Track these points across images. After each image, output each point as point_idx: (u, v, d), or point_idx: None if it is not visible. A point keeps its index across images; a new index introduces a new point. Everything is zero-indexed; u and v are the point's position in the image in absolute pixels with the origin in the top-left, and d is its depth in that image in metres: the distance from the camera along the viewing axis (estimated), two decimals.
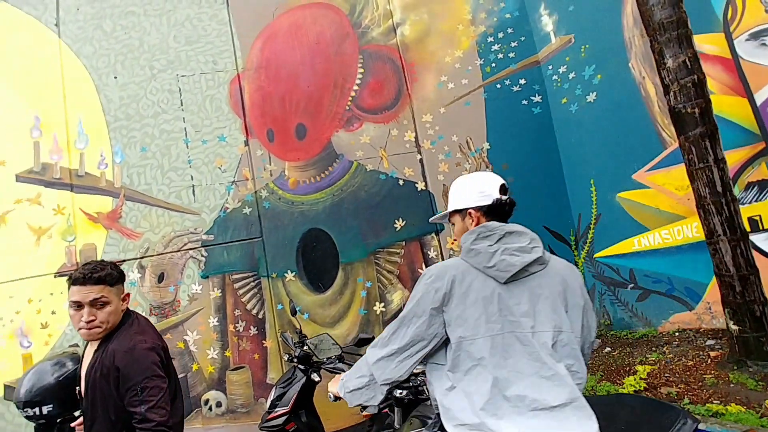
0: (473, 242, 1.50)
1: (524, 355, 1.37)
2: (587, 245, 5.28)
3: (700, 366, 3.60)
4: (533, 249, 1.49)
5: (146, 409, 1.65)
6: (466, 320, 1.41)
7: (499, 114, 5.43)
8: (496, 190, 1.64)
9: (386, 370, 1.50)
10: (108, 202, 4.56)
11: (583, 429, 1.33)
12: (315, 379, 3.12)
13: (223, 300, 4.54)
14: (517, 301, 1.43)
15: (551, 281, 1.49)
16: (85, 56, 4.80)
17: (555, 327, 1.43)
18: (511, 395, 1.34)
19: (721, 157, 3.45)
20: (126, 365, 1.70)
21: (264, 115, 4.98)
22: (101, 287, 1.77)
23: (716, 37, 4.08)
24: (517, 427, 1.31)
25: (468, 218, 1.62)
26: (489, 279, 1.44)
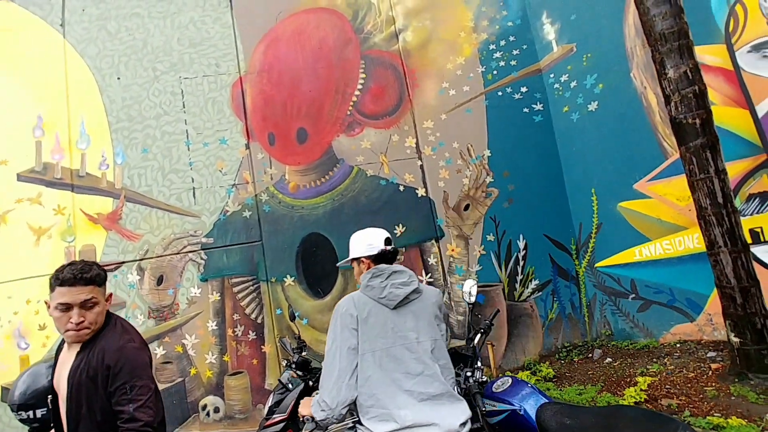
0: (369, 280, 2.02)
1: (413, 360, 1.90)
2: (588, 255, 5.26)
3: (701, 378, 3.57)
4: (411, 282, 2.02)
5: (134, 408, 1.63)
6: (369, 337, 1.91)
7: (501, 121, 5.44)
8: (381, 243, 2.15)
9: (340, 393, 1.85)
10: (108, 203, 4.55)
11: (455, 411, 1.87)
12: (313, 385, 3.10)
13: (222, 304, 4.52)
14: (404, 321, 1.97)
15: (426, 304, 2.05)
16: (89, 57, 4.81)
17: (432, 337, 1.99)
18: (406, 390, 1.85)
19: (722, 168, 3.44)
20: (116, 364, 1.68)
21: (265, 118, 4.99)
22: (92, 288, 1.73)
23: (718, 48, 4.09)
24: (412, 413, 1.81)
25: (362, 264, 2.16)
26: (382, 306, 1.97)
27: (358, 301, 1.99)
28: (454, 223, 5.11)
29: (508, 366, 4.86)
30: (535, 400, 2.28)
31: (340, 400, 1.84)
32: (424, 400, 1.84)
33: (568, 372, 4.47)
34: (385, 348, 1.90)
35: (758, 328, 3.25)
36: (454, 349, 2.63)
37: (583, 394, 3.80)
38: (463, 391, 2.36)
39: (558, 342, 5.09)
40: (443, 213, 5.11)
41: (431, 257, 4.99)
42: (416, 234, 4.99)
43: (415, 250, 4.97)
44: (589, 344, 5.05)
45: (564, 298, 5.23)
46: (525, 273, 5.16)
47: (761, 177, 3.89)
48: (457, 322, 4.87)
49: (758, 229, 3.90)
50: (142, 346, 1.82)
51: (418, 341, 1.94)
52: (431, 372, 1.89)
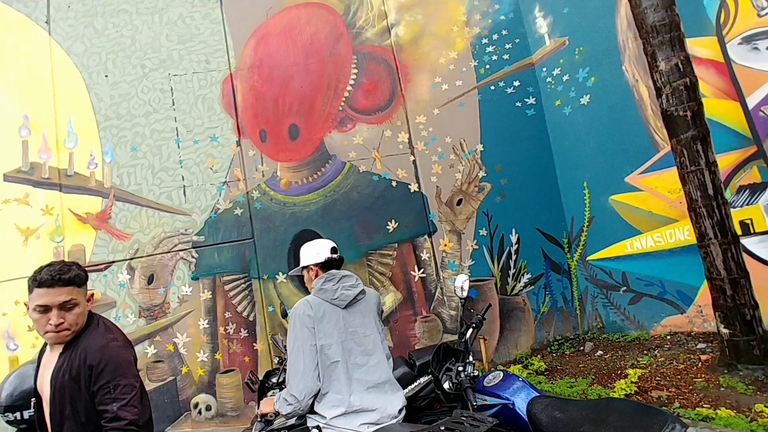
0: (322, 284, 2.29)
1: (362, 353, 2.20)
2: (580, 248, 5.28)
3: (691, 370, 3.60)
4: (358, 285, 2.33)
5: (118, 407, 1.62)
6: (325, 334, 2.17)
7: (493, 116, 5.43)
8: (328, 251, 2.42)
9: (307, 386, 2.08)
10: (97, 202, 4.51)
11: (394, 400, 2.18)
12: None
13: (214, 302, 4.49)
14: (353, 318, 2.25)
15: (369, 303, 2.36)
16: (75, 54, 4.75)
17: (376, 331, 2.29)
18: (355, 378, 2.14)
19: (713, 160, 3.45)
20: (99, 363, 1.66)
21: (256, 115, 4.95)
22: (71, 289, 1.70)
23: (709, 40, 4.09)
24: (360, 398, 2.09)
25: (311, 271, 2.43)
26: (335, 306, 2.24)
27: (313, 303, 2.24)
28: (446, 218, 5.10)
29: (501, 360, 4.88)
30: (526, 393, 2.29)
31: (307, 392, 2.07)
32: (369, 387, 2.14)
33: (559, 365, 4.49)
34: (339, 342, 2.17)
35: (747, 319, 3.27)
36: (446, 344, 2.64)
37: (575, 387, 3.82)
38: (454, 386, 2.37)
39: (550, 335, 5.11)
40: (436, 208, 5.10)
41: (424, 252, 4.98)
42: (409, 229, 4.98)
43: (407, 245, 4.96)
44: (581, 337, 5.08)
45: (556, 292, 5.25)
46: (517, 267, 5.17)
47: (751, 169, 3.90)
48: (450, 317, 4.87)
49: (748, 220, 3.92)
50: (126, 344, 1.80)
51: (365, 335, 2.25)
52: (375, 362, 2.21)
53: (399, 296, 4.83)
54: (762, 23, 3.79)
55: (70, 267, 1.74)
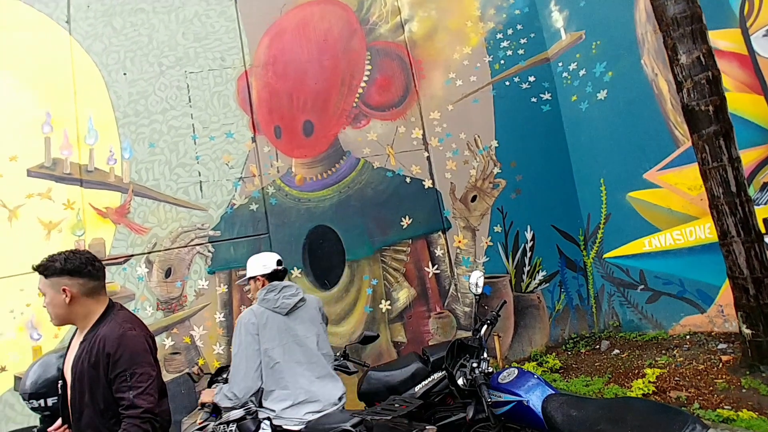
0: (265, 294, 2.56)
1: (302, 353, 2.51)
2: (596, 245, 5.20)
3: (712, 370, 3.52)
4: (298, 293, 2.61)
5: (134, 395, 1.64)
6: (268, 338, 2.45)
7: (508, 111, 5.37)
8: (274, 264, 2.68)
9: (248, 385, 2.37)
10: (117, 197, 4.59)
11: (334, 389, 2.50)
12: None
13: (230, 295, 4.55)
14: (294, 323, 2.55)
15: (310, 308, 2.67)
16: (95, 53, 4.83)
17: (316, 333, 2.61)
18: (298, 374, 2.44)
19: (736, 156, 3.36)
20: (116, 351, 1.69)
21: (271, 111, 4.98)
22: (40, 278, 1.80)
23: (732, 33, 3.98)
24: (304, 392, 2.41)
25: (257, 281, 2.67)
26: (277, 314, 2.52)
27: (257, 311, 2.52)
28: (461, 215, 5.08)
29: (515, 357, 4.85)
30: (541, 391, 2.28)
31: (247, 391, 2.36)
32: (312, 381, 2.46)
33: (575, 363, 4.44)
34: (281, 345, 2.47)
35: None
36: (460, 340, 2.63)
37: (590, 385, 3.77)
38: (468, 382, 2.36)
39: (565, 333, 5.06)
40: (450, 204, 5.08)
41: (438, 249, 4.97)
42: (423, 226, 4.97)
43: (421, 241, 4.95)
44: (597, 336, 5.01)
45: (571, 290, 5.19)
46: (532, 264, 5.12)
47: None
48: (464, 314, 4.85)
49: None
50: (143, 333, 1.82)
51: (306, 337, 2.55)
52: (316, 360, 2.53)
53: (413, 292, 4.83)
54: None
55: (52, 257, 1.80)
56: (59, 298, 1.77)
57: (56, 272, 1.77)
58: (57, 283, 1.77)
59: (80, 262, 1.80)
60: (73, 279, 1.78)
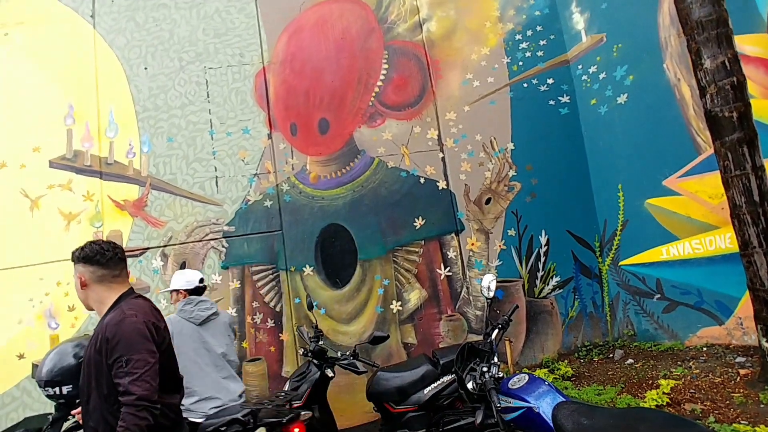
0: (183, 306, 3.00)
1: (212, 358, 2.93)
2: (612, 252, 5.12)
3: (728, 383, 3.44)
4: (213, 307, 3.07)
5: (129, 381, 1.64)
6: (182, 343, 2.81)
7: (525, 114, 5.32)
8: (196, 281, 3.13)
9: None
10: (135, 190, 4.67)
11: (235, 387, 2.94)
12: (329, 374, 3.13)
13: (242, 291, 4.59)
14: (206, 333, 2.98)
15: (221, 321, 3.10)
16: (117, 47, 4.92)
17: (224, 343, 3.05)
18: (206, 376, 2.85)
19: (760, 164, 3.27)
20: (113, 337, 1.71)
21: (288, 108, 5.01)
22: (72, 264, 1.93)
23: (759, 37, 3.87)
24: (210, 390, 2.81)
25: (179, 294, 3.12)
26: (192, 323, 2.95)
27: (174, 320, 2.88)
28: (474, 217, 5.04)
29: (526, 363, 4.80)
30: (551, 398, 2.24)
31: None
32: (217, 380, 2.86)
33: (587, 372, 4.37)
34: (193, 349, 2.87)
35: None
36: (471, 344, 2.62)
37: (602, 394, 3.71)
38: (478, 387, 2.34)
39: (578, 341, 4.99)
40: (464, 206, 5.05)
41: (451, 251, 4.94)
42: (436, 227, 4.95)
43: (434, 243, 4.93)
44: (611, 344, 4.93)
45: (586, 296, 5.11)
46: (546, 269, 5.06)
47: None
48: (475, 317, 4.82)
49: None
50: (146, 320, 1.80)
51: (214, 345, 2.96)
52: (221, 364, 2.94)
53: (424, 294, 4.81)
54: None
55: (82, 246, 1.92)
56: (77, 283, 1.92)
57: (74, 259, 1.92)
58: (75, 270, 1.92)
59: (92, 251, 1.89)
60: (85, 266, 1.89)
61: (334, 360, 3.19)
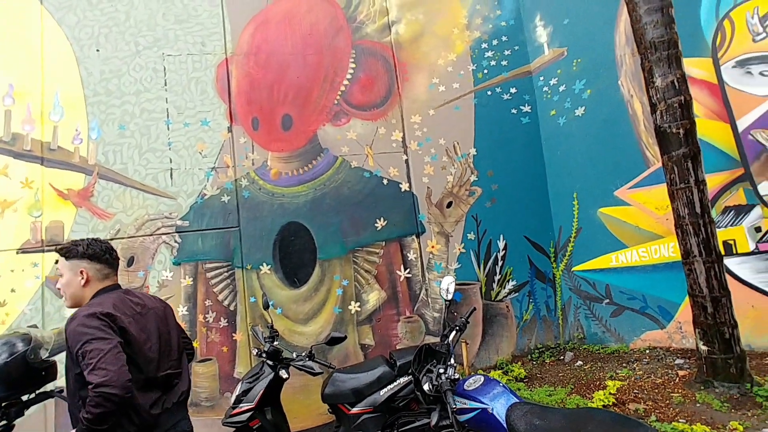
0: None
1: None
2: (566, 258, 5.31)
3: (669, 384, 3.63)
4: None
5: (88, 373, 1.66)
6: None
7: (488, 121, 5.43)
8: None
9: None
10: (80, 179, 4.37)
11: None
12: (283, 375, 3.03)
13: (195, 289, 4.40)
14: None
15: None
16: (67, 25, 4.60)
17: None
18: None
19: (702, 179, 3.49)
20: (68, 335, 1.76)
21: (250, 102, 4.86)
22: (59, 258, 1.97)
23: (704, 61, 4.14)
24: None
25: None
26: None
27: None
28: (435, 220, 5.08)
29: (481, 365, 4.87)
30: (505, 399, 2.28)
31: None
32: None
33: (539, 373, 4.50)
34: None
35: (726, 337, 3.32)
36: (428, 345, 2.61)
37: (553, 395, 3.83)
38: (434, 388, 2.34)
39: (531, 343, 5.13)
40: (426, 209, 5.08)
41: (411, 252, 4.95)
42: (397, 228, 4.95)
43: (395, 244, 4.93)
44: (562, 347, 5.11)
45: (540, 300, 5.27)
46: (503, 273, 5.18)
47: (737, 190, 3.97)
48: (433, 319, 4.85)
49: (731, 241, 3.98)
50: (96, 311, 1.78)
51: None
52: None
53: (383, 295, 4.79)
54: (757, 48, 3.86)
55: (74, 242, 1.99)
56: (75, 279, 1.94)
57: (77, 255, 1.95)
58: (76, 266, 1.95)
59: (100, 249, 2.00)
60: (91, 263, 1.96)
61: (289, 361, 3.10)
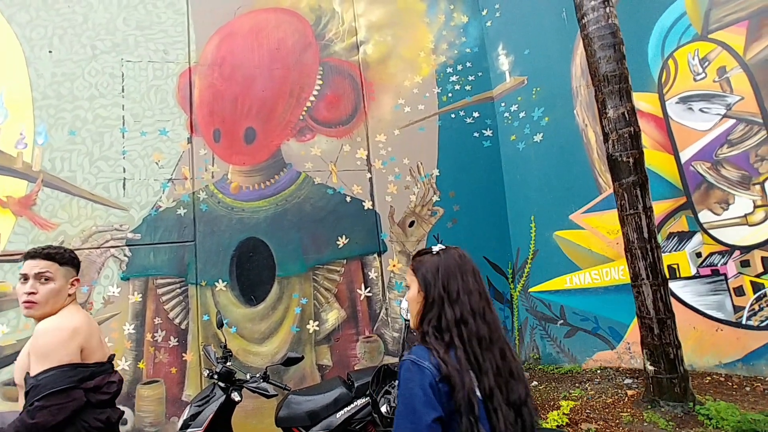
0: None
1: None
2: (523, 279, 5.43)
3: (618, 404, 3.74)
4: None
5: None
6: None
7: (451, 143, 5.55)
8: None
9: None
10: (22, 185, 4.10)
11: None
12: (235, 398, 2.89)
13: (143, 306, 4.17)
14: None
15: None
16: (17, 24, 4.38)
17: None
18: None
19: (649, 205, 3.69)
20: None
21: (212, 113, 4.76)
22: (49, 263, 1.78)
23: (651, 96, 4.44)
24: None
25: None
26: None
27: None
28: (397, 239, 5.10)
29: None
30: None
31: None
32: None
33: None
34: None
35: (671, 358, 3.46)
36: (387, 366, 2.58)
37: None
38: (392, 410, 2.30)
39: None
40: (388, 227, 5.09)
41: (372, 271, 4.92)
42: (359, 246, 4.92)
43: (356, 262, 4.88)
44: None
45: None
46: None
47: (681, 218, 4.22)
48: (392, 339, 4.81)
49: (675, 265, 4.21)
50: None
51: None
52: None
53: (343, 314, 4.72)
54: (697, 87, 4.17)
55: (60, 248, 1.85)
56: (66, 288, 1.81)
57: (68, 262, 1.84)
58: (69, 273, 1.84)
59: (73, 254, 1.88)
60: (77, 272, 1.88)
61: (242, 382, 2.96)
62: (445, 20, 5.88)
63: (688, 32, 4.21)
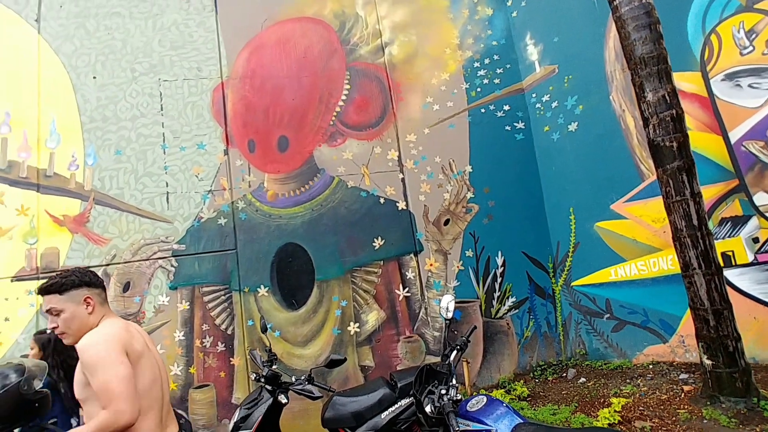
0: None
1: None
2: (565, 273, 5.28)
3: (674, 400, 3.57)
4: None
5: None
6: None
7: (483, 138, 5.47)
8: None
9: None
10: (76, 204, 4.37)
11: None
12: (282, 400, 2.97)
13: (191, 313, 4.35)
14: None
15: None
16: (64, 54, 4.67)
17: None
18: None
19: (698, 191, 3.50)
20: None
21: (246, 125, 4.90)
22: (50, 297, 1.79)
23: (693, 75, 4.21)
24: None
25: None
26: None
27: None
28: (433, 238, 5.07)
29: (483, 384, 4.80)
30: (509, 420, 2.23)
31: None
32: None
33: (542, 391, 4.42)
34: None
35: (730, 350, 3.27)
36: (430, 366, 2.57)
37: (558, 414, 3.75)
38: (436, 410, 2.29)
39: (533, 360, 5.06)
40: (423, 227, 5.08)
41: (409, 271, 4.92)
42: (395, 247, 4.93)
43: (393, 263, 4.90)
44: (564, 363, 5.04)
45: (540, 317, 5.22)
46: (502, 290, 5.14)
47: (733, 202, 3.97)
48: (433, 338, 4.79)
49: (730, 252, 3.97)
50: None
51: None
52: None
53: (382, 315, 4.74)
54: (744, 61, 3.92)
55: (58, 276, 1.82)
56: (80, 310, 1.81)
57: (75, 285, 1.82)
58: (78, 295, 1.82)
59: (92, 274, 1.89)
60: (91, 290, 1.85)
61: (287, 385, 3.04)
62: (470, 14, 5.80)
63: (731, 4, 3.97)
